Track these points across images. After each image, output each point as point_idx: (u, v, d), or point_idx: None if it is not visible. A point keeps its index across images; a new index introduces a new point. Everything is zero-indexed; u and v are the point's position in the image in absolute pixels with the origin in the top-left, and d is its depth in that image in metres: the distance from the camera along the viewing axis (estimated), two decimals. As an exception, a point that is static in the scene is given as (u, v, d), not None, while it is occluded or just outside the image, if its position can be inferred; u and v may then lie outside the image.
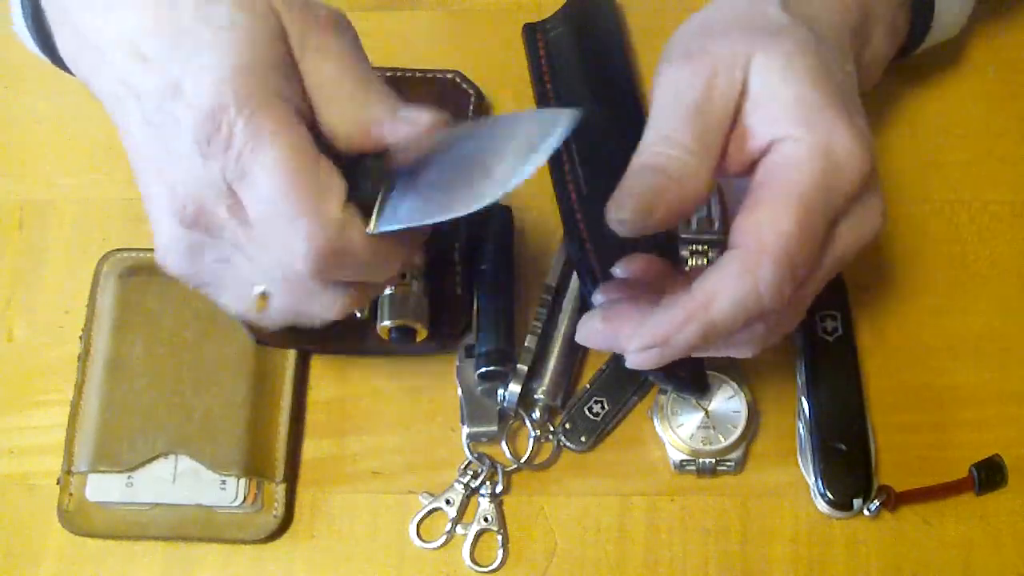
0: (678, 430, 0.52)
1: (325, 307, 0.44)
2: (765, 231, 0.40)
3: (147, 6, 0.42)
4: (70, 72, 0.54)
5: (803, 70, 0.42)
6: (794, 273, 0.41)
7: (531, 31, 0.60)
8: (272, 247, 0.42)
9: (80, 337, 0.55)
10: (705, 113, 0.42)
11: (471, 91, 0.59)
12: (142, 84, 0.42)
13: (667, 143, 0.42)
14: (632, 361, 0.44)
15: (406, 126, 0.43)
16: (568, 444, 0.53)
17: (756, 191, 0.42)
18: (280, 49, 0.42)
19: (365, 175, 0.43)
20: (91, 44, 0.44)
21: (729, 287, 0.41)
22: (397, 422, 0.54)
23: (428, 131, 0.43)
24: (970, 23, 0.59)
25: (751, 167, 0.43)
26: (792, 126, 0.41)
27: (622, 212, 0.41)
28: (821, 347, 0.54)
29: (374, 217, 0.42)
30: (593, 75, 0.59)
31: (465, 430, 0.53)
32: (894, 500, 0.51)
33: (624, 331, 0.44)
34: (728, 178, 0.44)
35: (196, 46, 0.41)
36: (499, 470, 0.53)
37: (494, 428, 0.53)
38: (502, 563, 0.52)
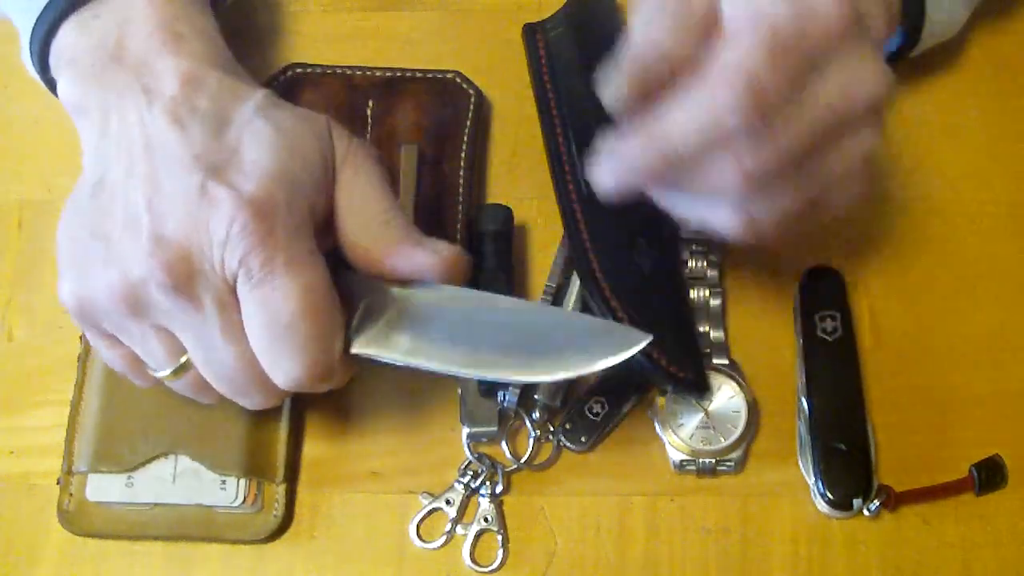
0: (678, 430, 0.52)
1: (250, 402, 0.46)
2: (727, 52, 0.40)
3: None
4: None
5: None
6: (757, 96, 0.40)
7: (531, 31, 0.60)
8: (247, 350, 0.43)
9: (80, 337, 0.55)
10: None
11: (471, 91, 0.59)
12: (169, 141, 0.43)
13: (671, 14, 0.41)
14: (597, 179, 0.45)
15: (425, 255, 0.44)
16: (568, 444, 0.53)
17: (725, 23, 0.41)
18: (323, 156, 0.44)
19: (368, 292, 0.45)
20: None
21: (688, 105, 0.40)
22: (397, 422, 0.54)
23: (447, 263, 0.44)
24: (969, 23, 0.59)
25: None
26: None
27: (613, 90, 0.42)
28: (821, 347, 0.54)
29: (363, 338, 0.44)
30: (593, 75, 0.58)
31: (465, 430, 0.53)
32: (894, 500, 0.51)
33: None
34: None
35: (240, 138, 0.43)
36: (499, 470, 0.53)
37: (494, 428, 0.53)
38: (502, 563, 0.52)
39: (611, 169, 0.44)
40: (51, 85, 0.51)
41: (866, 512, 0.51)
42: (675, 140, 0.41)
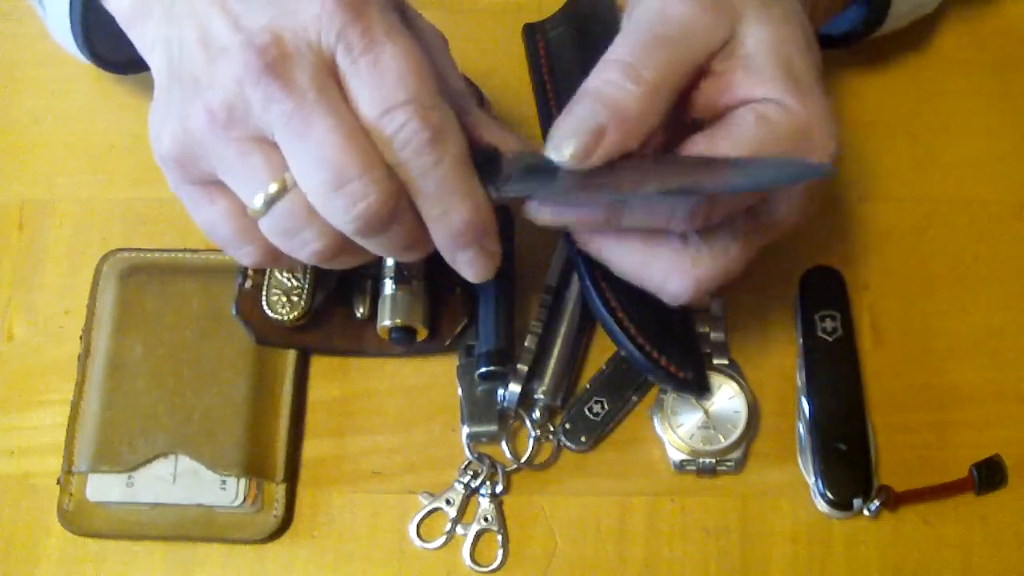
0: (678, 430, 0.52)
1: (372, 231, 0.40)
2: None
3: None
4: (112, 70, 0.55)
5: (792, 39, 0.41)
6: (711, 212, 0.41)
7: (531, 31, 0.60)
8: (355, 134, 0.38)
9: (80, 337, 0.55)
10: (678, 47, 0.40)
11: (471, 91, 0.59)
12: None
13: (622, 70, 0.40)
14: (530, 210, 0.43)
15: (507, 134, 0.43)
16: (568, 444, 0.53)
17: (721, 127, 0.41)
18: None
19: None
20: None
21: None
22: (397, 422, 0.54)
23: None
24: (968, 23, 0.59)
25: (718, 114, 0.42)
26: (778, 91, 0.41)
27: (560, 151, 0.40)
28: (821, 347, 0.54)
29: (515, 181, 0.41)
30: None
31: (465, 430, 0.53)
32: (894, 500, 0.51)
33: None
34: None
35: None
36: (499, 470, 0.53)
37: (494, 428, 0.53)
38: (502, 563, 0.52)
39: (549, 213, 0.43)
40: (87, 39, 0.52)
41: (866, 512, 0.51)
42: (625, 222, 0.41)
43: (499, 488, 0.53)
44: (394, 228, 0.40)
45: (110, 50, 0.55)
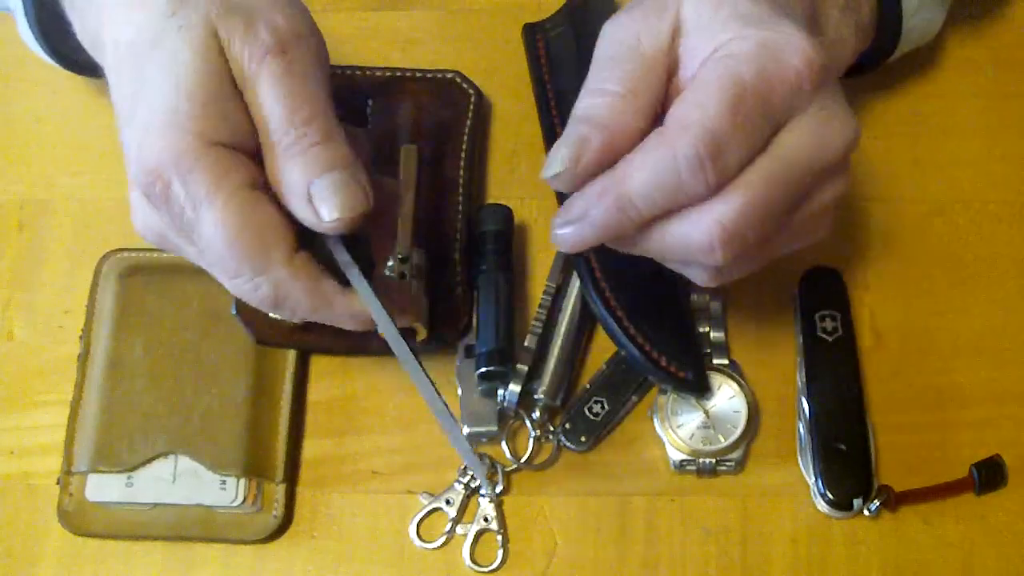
0: (678, 430, 0.52)
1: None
2: (689, 109, 0.39)
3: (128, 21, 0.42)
4: (76, 71, 0.54)
5: None
6: (717, 153, 0.39)
7: (531, 31, 0.60)
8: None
9: (80, 337, 0.55)
10: (632, 55, 0.41)
11: (471, 91, 0.59)
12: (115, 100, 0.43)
13: (593, 94, 0.41)
14: (554, 237, 0.43)
15: (309, 213, 0.42)
16: (568, 444, 0.53)
17: (691, 82, 0.41)
18: (221, 85, 0.41)
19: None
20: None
21: (645, 158, 0.40)
22: (397, 422, 0.54)
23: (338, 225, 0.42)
24: (969, 23, 0.59)
25: None
26: (731, 32, 0.40)
27: (551, 169, 0.41)
28: (821, 347, 0.54)
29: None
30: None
31: (465, 430, 0.53)
32: (894, 500, 0.51)
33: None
34: None
35: (144, 83, 0.41)
36: (499, 470, 0.53)
37: (494, 428, 0.53)
38: (502, 563, 0.52)
39: (568, 233, 0.42)
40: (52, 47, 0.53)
41: (866, 512, 0.51)
42: (634, 198, 0.40)
43: (499, 488, 0.53)
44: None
45: (73, 51, 0.55)
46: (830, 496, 0.51)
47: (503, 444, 0.53)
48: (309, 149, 0.41)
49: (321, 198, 0.41)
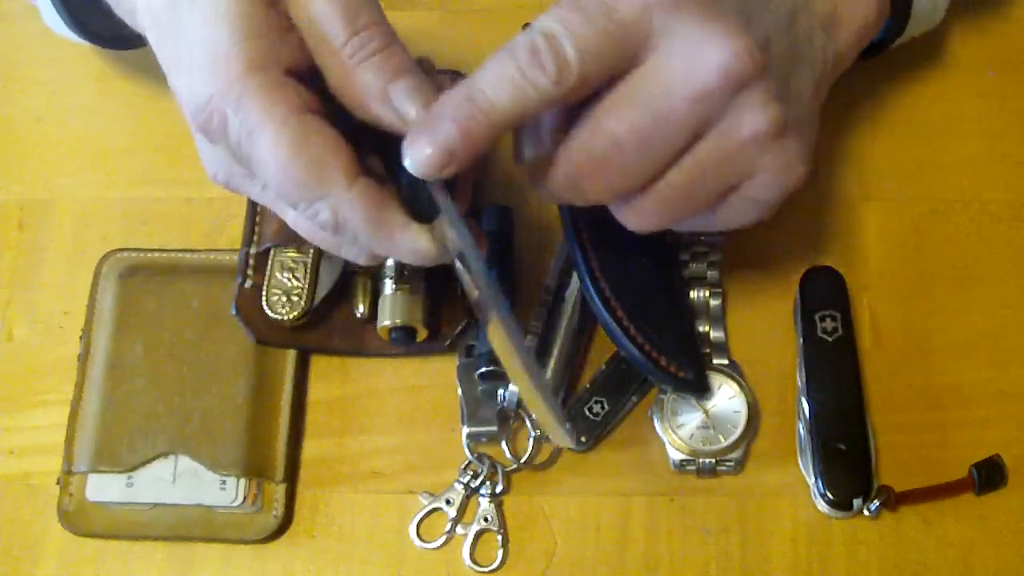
0: (678, 430, 0.52)
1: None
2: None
3: None
4: (110, 46, 0.55)
5: None
6: (551, 40, 0.40)
7: (531, 31, 0.60)
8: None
9: (80, 337, 0.55)
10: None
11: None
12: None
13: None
14: (415, 160, 0.41)
15: (392, 115, 0.41)
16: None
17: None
18: (262, 8, 0.41)
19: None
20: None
21: (491, 58, 0.41)
22: (397, 422, 0.54)
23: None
24: (969, 23, 0.59)
25: None
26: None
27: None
28: (821, 347, 0.54)
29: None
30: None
31: (465, 430, 0.53)
32: (894, 500, 0.51)
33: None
34: None
35: (183, 25, 0.41)
36: (499, 470, 0.53)
37: (494, 428, 0.53)
38: (502, 563, 0.52)
39: (426, 138, 0.41)
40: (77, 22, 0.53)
41: (866, 512, 0.51)
42: (483, 86, 0.40)
43: (499, 488, 0.53)
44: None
45: (103, 27, 0.55)
46: (830, 496, 0.51)
47: (503, 444, 0.53)
48: (379, 52, 0.41)
49: (401, 98, 0.41)
